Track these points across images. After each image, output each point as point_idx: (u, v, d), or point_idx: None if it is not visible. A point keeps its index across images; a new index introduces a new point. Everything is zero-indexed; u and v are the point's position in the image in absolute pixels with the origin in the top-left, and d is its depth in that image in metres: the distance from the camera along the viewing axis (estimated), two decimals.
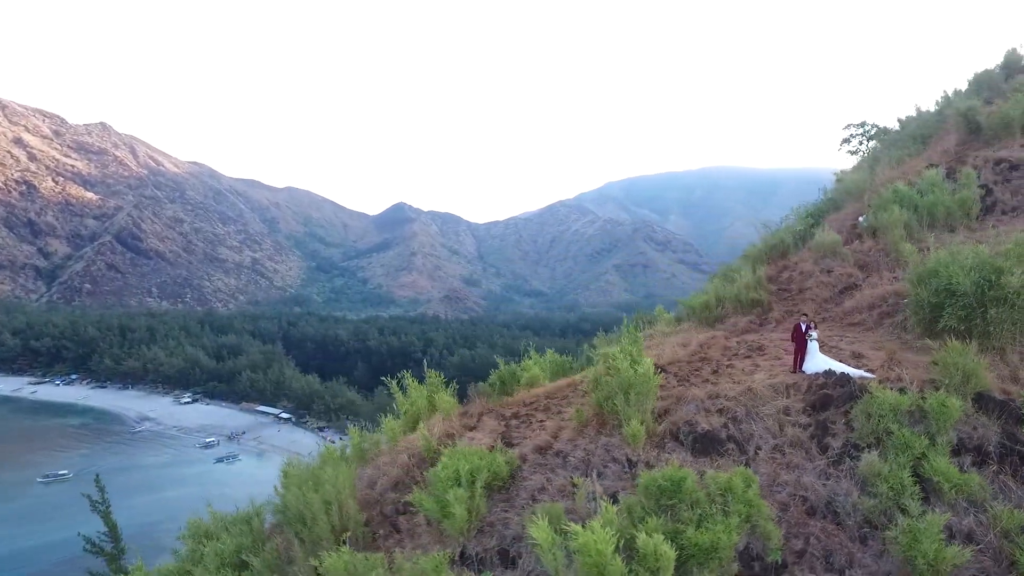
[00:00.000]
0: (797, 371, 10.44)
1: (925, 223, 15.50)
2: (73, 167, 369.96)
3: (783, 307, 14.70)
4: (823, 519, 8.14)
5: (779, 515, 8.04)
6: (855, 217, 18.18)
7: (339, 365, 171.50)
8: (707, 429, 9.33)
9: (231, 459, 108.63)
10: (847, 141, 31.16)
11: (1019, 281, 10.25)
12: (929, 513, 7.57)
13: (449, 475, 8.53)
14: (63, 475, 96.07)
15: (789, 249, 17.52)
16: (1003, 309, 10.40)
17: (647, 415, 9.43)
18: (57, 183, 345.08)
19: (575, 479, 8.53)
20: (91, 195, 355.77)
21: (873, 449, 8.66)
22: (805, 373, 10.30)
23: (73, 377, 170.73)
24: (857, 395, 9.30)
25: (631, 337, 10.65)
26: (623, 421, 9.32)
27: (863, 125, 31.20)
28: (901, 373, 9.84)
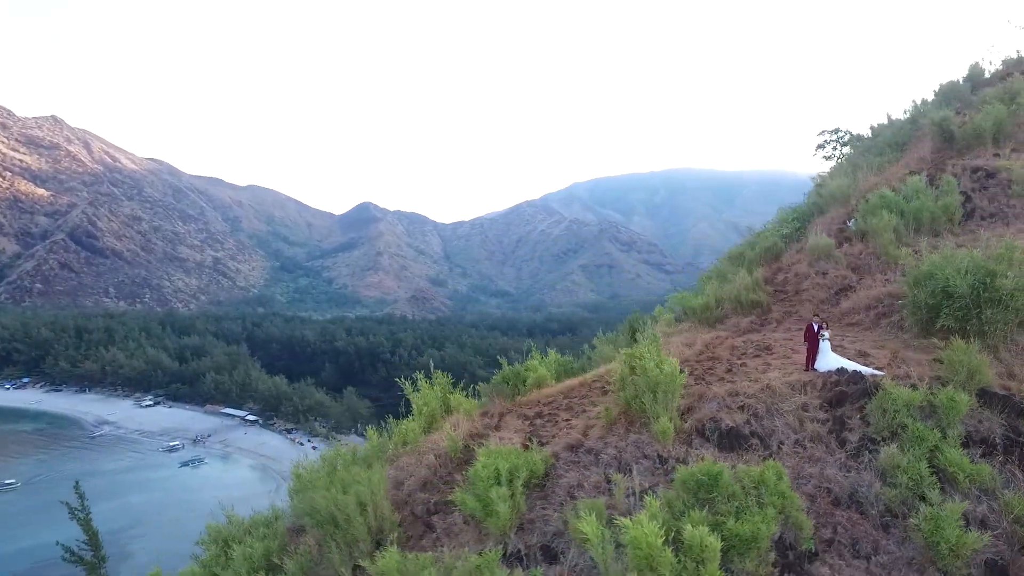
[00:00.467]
0: (809, 369, 10.93)
1: (911, 228, 16.26)
2: (22, 162, 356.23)
3: (781, 308, 15.28)
4: (848, 509, 8.60)
5: (808, 506, 8.46)
6: (841, 221, 18.92)
7: (306, 366, 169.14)
8: (731, 425, 9.74)
9: (197, 463, 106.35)
10: (822, 147, 32.26)
11: (1012, 284, 10.92)
12: (948, 502, 8.10)
13: (490, 474, 8.72)
14: (10, 484, 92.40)
15: (782, 252, 18.16)
16: (997, 310, 11.07)
17: (673, 413, 9.78)
18: (4, 178, 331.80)
19: (613, 475, 8.81)
20: (42, 191, 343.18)
21: (888, 443, 9.18)
22: (817, 371, 10.79)
23: (25, 380, 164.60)
24: (870, 392, 9.81)
25: (651, 337, 11.00)
26: (652, 419, 9.65)
27: (837, 131, 32.35)
28: (909, 370, 10.40)
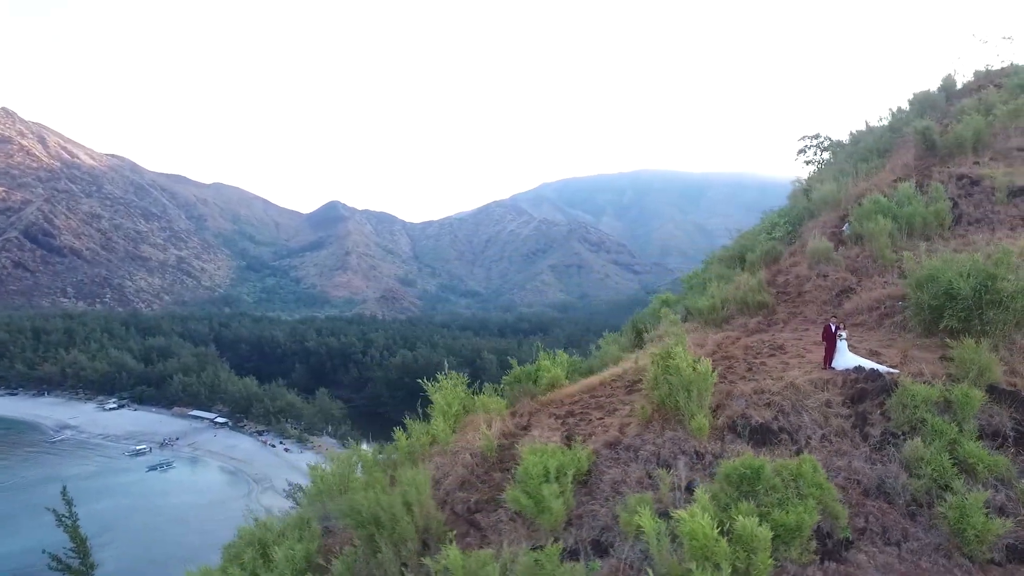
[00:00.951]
0: (827, 367, 11.48)
1: (904, 232, 17.06)
2: None
3: (786, 309, 15.90)
4: (877, 499, 9.14)
5: (841, 497, 8.96)
6: (834, 225, 19.70)
7: (276, 367, 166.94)
8: (760, 421, 10.22)
9: (165, 467, 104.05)
10: (803, 152, 33.30)
11: (1013, 286, 11.65)
12: (973, 491, 8.68)
13: (540, 471, 9.02)
14: None
15: (780, 255, 18.84)
16: (998, 311, 11.79)
17: (706, 410, 10.22)
18: None
19: (657, 471, 9.19)
20: None
21: (909, 436, 9.76)
22: (835, 369, 11.35)
23: None
24: (889, 388, 10.40)
25: (678, 339, 11.43)
26: (686, 416, 10.07)
27: (817, 136, 33.45)
28: (922, 368, 11.03)
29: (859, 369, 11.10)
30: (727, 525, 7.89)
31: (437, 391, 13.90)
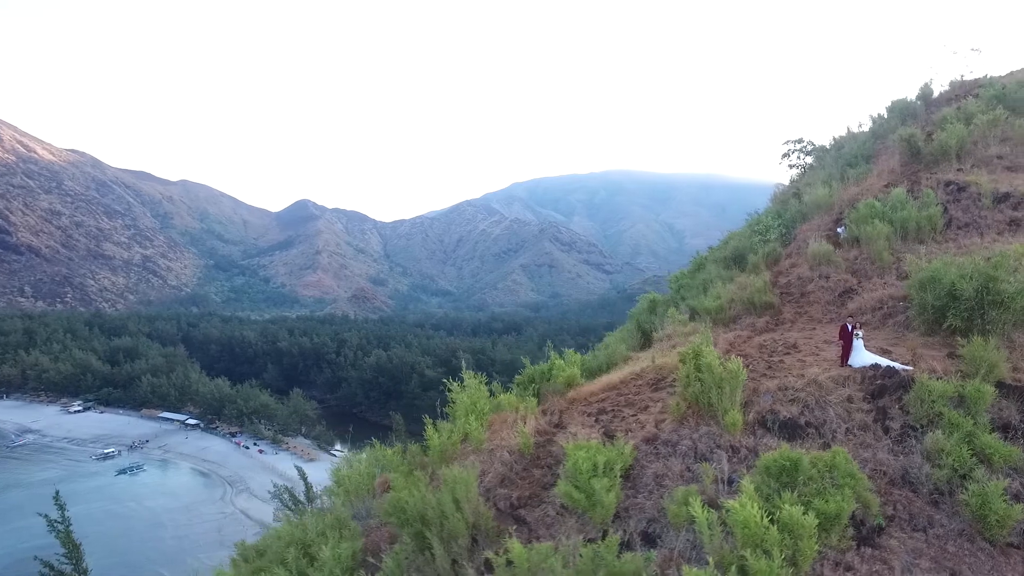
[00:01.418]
0: (845, 365, 12.09)
1: (899, 236, 17.88)
2: None
3: (792, 309, 16.55)
4: (902, 488, 9.73)
5: (871, 487, 9.53)
6: (828, 228, 20.48)
7: (247, 368, 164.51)
8: (788, 417, 10.75)
9: (135, 470, 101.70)
10: (787, 155, 34.32)
11: (1014, 287, 12.42)
12: (992, 480, 9.32)
13: (589, 467, 9.40)
14: None
15: (780, 256, 19.54)
16: (1000, 311, 12.55)
17: (738, 406, 10.72)
18: None
19: (699, 465, 9.65)
20: None
21: (927, 429, 10.39)
22: (852, 367, 11.97)
23: None
24: (907, 385, 11.03)
25: (704, 338, 11.93)
26: (720, 412, 10.55)
27: (800, 141, 34.50)
28: (934, 365, 11.71)
29: (875, 366, 11.72)
30: (775, 515, 8.39)
31: (462, 391, 14.19)
